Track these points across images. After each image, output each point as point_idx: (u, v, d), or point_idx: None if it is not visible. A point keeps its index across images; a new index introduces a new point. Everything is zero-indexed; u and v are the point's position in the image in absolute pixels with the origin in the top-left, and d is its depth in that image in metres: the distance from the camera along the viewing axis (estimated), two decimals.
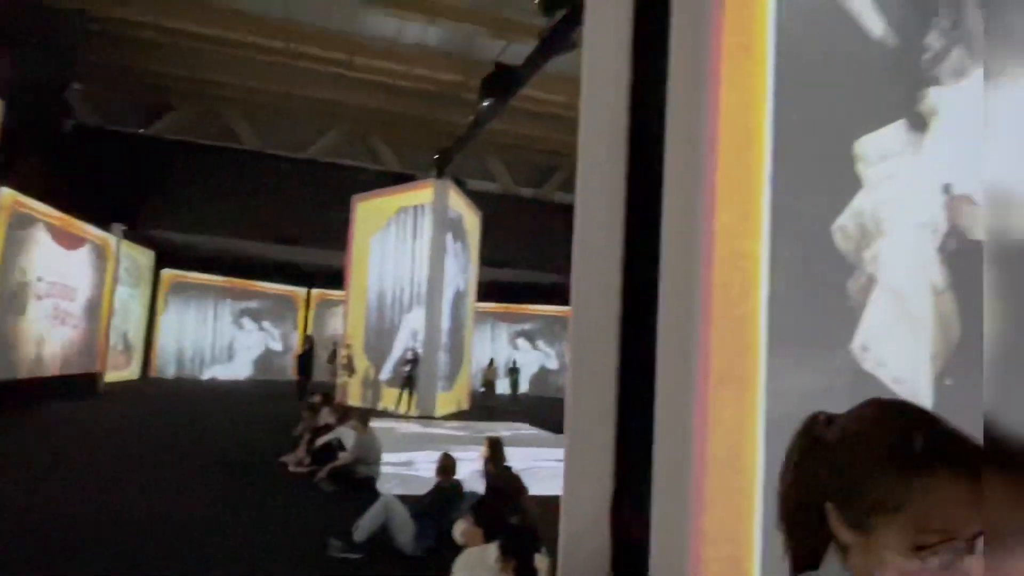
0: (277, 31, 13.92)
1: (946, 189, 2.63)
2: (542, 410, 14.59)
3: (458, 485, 4.83)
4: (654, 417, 2.58)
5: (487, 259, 17.26)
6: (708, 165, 2.47)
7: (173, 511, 5.56)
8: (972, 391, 2.56)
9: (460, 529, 3.24)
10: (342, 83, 15.95)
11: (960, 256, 2.62)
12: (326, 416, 8.56)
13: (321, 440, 7.66)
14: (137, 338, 18.60)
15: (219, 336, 21.16)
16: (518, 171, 20.60)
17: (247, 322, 21.57)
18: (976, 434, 0.75)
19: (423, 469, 7.49)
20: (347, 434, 7.45)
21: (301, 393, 14.29)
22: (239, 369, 21.28)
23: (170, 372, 19.86)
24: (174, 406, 13.59)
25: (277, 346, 22.14)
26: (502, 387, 19.84)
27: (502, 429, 11.55)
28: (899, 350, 2.50)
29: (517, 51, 11.80)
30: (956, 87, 2.63)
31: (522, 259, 18.56)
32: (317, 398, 9.64)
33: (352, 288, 16.16)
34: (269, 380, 20.89)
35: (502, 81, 10.64)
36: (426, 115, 17.20)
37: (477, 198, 17.01)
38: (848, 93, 2.59)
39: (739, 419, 2.38)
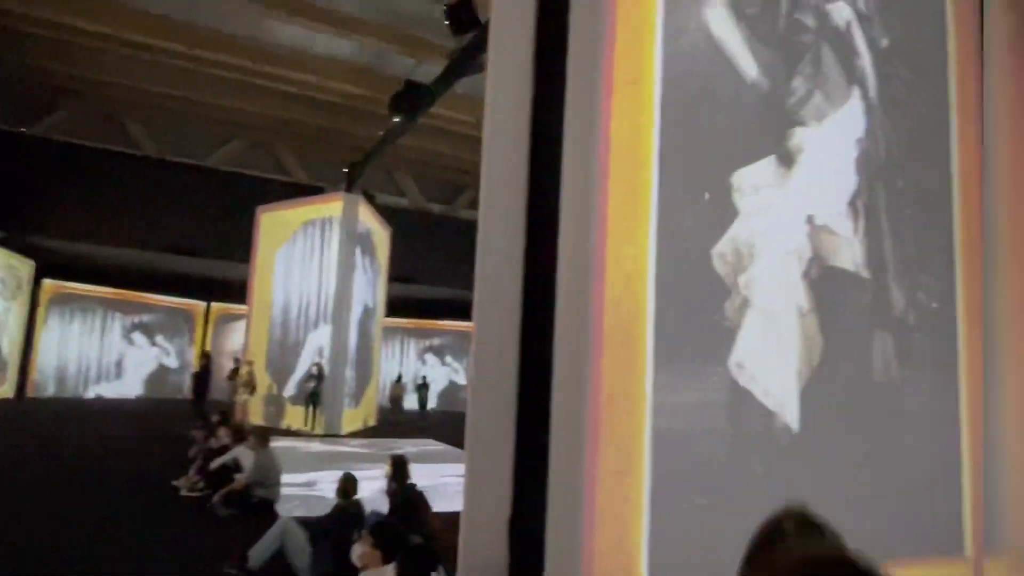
0: (179, 34, 13.27)
1: (809, 220, 2.89)
2: (450, 425, 14.49)
3: (358, 506, 4.71)
4: (550, 433, 2.63)
5: (397, 274, 17.05)
6: (600, 192, 2.57)
7: (51, 540, 5.10)
8: (833, 405, 2.79)
9: (358, 552, 3.16)
10: (248, 91, 15.39)
11: (821, 281, 2.88)
12: (223, 436, 8.13)
13: (216, 462, 7.26)
14: (13, 354, 17.00)
15: (107, 352, 19.68)
16: (428, 187, 20.55)
17: (138, 337, 20.19)
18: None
19: (327, 489, 7.24)
20: (245, 454, 7.10)
21: (197, 412, 13.51)
22: (129, 387, 19.86)
23: (50, 390, 18.25)
24: (54, 427, 12.49)
25: (172, 363, 20.85)
26: (411, 403, 19.61)
27: (409, 446, 11.38)
28: (769, 367, 2.70)
29: (428, 70, 11.83)
30: (817, 127, 2.90)
31: (432, 275, 18.46)
32: (215, 418, 9.15)
33: (255, 302, 15.49)
34: (163, 399, 19.62)
35: (412, 98, 10.62)
36: (335, 127, 16.87)
37: (387, 213, 16.80)
38: (726, 129, 2.79)
39: (628, 434, 2.48)
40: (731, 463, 2.66)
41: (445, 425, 15.46)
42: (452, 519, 3.28)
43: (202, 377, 15.47)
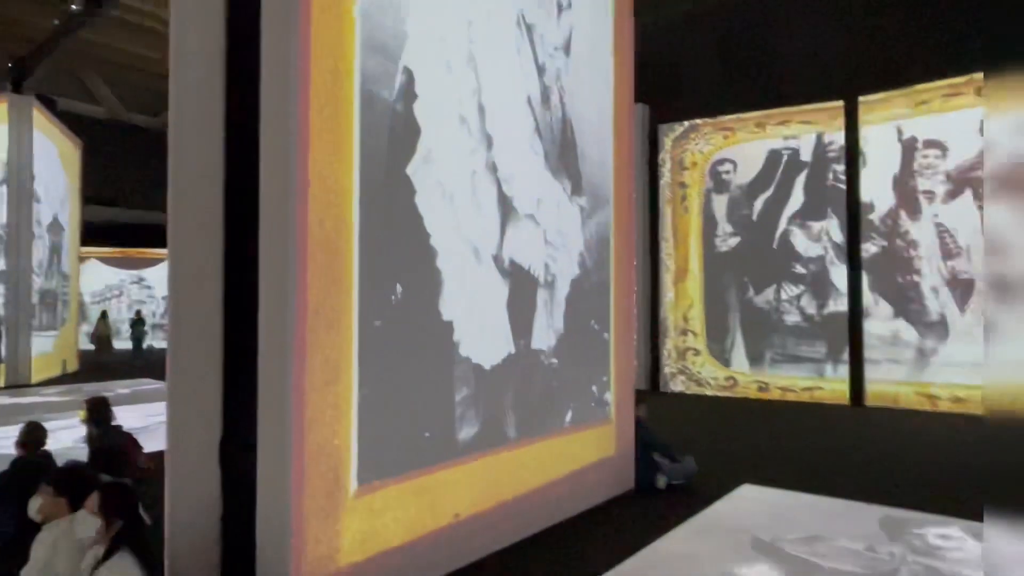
0: None
1: (493, 144, 3.12)
2: None
3: (46, 457, 4.05)
4: (258, 352, 2.54)
5: (94, 196, 14.39)
6: (301, 104, 2.43)
7: None
8: (522, 310, 3.07)
9: (36, 505, 2.74)
10: None
11: (511, 202, 3.16)
12: None
13: None
14: None
15: None
16: (129, 95, 17.42)
17: None
18: None
19: (7, 446, 6.09)
20: None
21: None
22: None
23: None
24: None
25: None
26: (125, 341, 17.20)
27: (120, 387, 10.07)
28: None
29: None
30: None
31: (140, 197, 16.00)
32: None
33: None
34: None
35: None
36: None
37: (75, 123, 13.89)
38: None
39: (336, 345, 2.49)
40: (431, 365, 2.86)
41: (164, 362, 13.87)
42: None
43: None
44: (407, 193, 2.73)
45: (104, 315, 16.41)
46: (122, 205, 16.09)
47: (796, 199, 8.60)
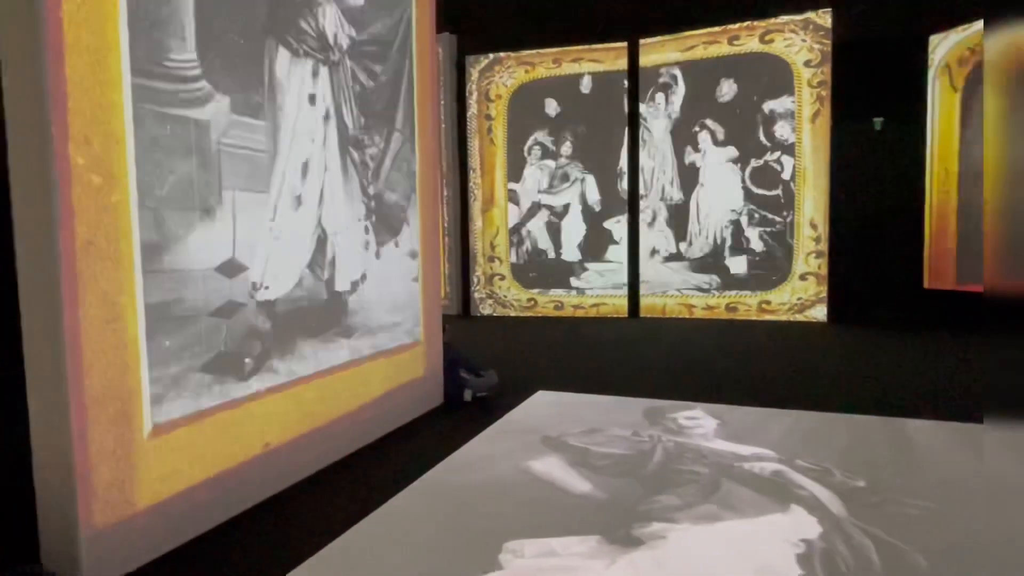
0: None
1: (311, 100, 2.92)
2: None
3: None
4: (19, 291, 2.20)
5: None
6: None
7: None
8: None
9: None
10: None
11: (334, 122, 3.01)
12: None
13: None
14: None
15: None
16: None
17: None
18: None
19: None
20: None
21: None
22: None
23: None
24: None
25: None
26: None
27: None
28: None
29: None
30: None
31: None
32: None
33: None
34: None
35: None
36: None
37: None
38: None
39: (115, 279, 2.24)
40: (231, 297, 2.70)
41: None
42: None
43: None
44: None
45: None
46: None
47: None
